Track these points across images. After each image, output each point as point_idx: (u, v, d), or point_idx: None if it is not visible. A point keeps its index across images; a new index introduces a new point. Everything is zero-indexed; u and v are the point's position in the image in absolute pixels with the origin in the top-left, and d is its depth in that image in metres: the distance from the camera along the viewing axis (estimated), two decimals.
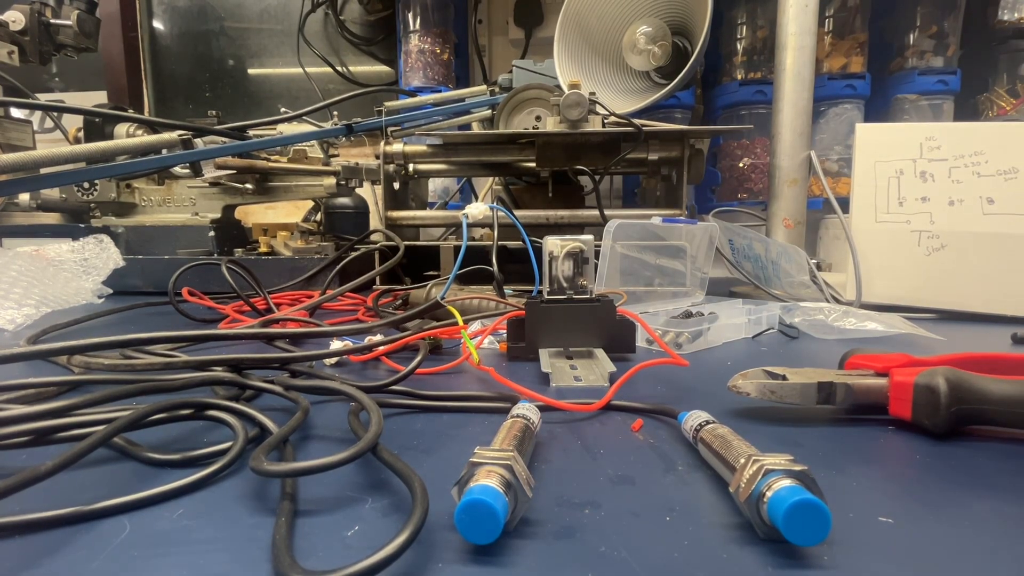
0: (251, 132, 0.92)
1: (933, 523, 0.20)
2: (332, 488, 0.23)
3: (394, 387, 0.36)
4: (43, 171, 0.66)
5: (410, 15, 1.45)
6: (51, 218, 1.04)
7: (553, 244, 0.47)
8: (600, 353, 0.44)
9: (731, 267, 0.79)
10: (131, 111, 1.02)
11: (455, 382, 0.41)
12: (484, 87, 1.06)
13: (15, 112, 1.00)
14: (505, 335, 0.47)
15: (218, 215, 1.01)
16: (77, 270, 0.77)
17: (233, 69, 1.87)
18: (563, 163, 0.82)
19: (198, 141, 0.79)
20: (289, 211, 1.22)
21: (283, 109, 1.01)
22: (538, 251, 0.50)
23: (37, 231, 0.98)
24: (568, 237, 0.47)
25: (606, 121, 0.79)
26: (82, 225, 1.01)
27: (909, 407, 0.29)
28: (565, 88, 0.78)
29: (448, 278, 0.59)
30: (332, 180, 0.97)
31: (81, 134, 0.99)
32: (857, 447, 0.28)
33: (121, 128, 0.96)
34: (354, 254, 0.80)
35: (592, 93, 0.78)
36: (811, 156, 0.91)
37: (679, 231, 0.63)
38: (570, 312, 0.45)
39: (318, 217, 1.08)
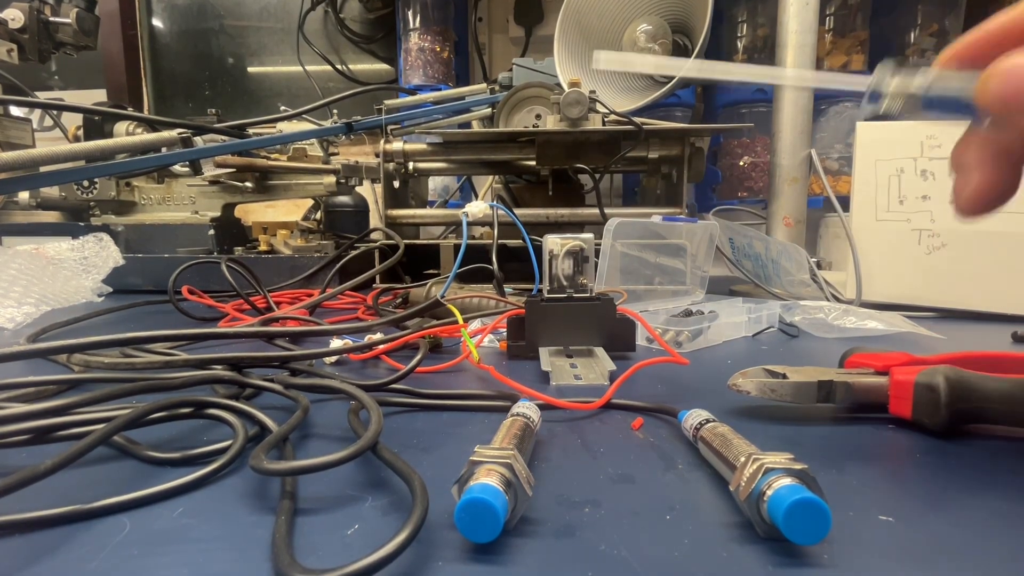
0: (251, 130, 0.92)
1: (933, 521, 0.20)
2: (332, 487, 0.23)
3: (394, 386, 0.36)
4: (42, 169, 0.66)
5: (410, 13, 1.45)
6: (51, 216, 1.04)
7: (553, 242, 0.47)
8: (600, 352, 0.44)
9: (731, 266, 0.79)
10: (130, 109, 1.02)
11: (455, 381, 0.41)
12: (484, 85, 1.06)
13: (14, 110, 0.99)
14: (505, 333, 0.47)
15: (218, 213, 1.01)
16: (77, 268, 0.77)
17: (233, 67, 1.87)
18: (563, 161, 0.82)
19: (198, 139, 0.79)
20: (289, 209, 1.22)
21: (283, 107, 1.01)
22: (538, 249, 0.50)
23: (37, 229, 0.98)
24: (568, 236, 0.47)
25: (606, 119, 0.79)
26: (82, 223, 1.01)
27: (909, 406, 0.29)
28: (565, 86, 0.78)
29: (448, 276, 0.59)
30: (332, 178, 0.97)
31: (80, 132, 0.99)
32: (857, 446, 0.28)
33: (120, 126, 0.96)
34: (354, 252, 0.80)
35: (592, 91, 0.78)
36: (811, 154, 0.91)
37: (679, 230, 0.63)
38: (570, 310, 0.45)
39: (318, 215, 1.08)
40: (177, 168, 0.99)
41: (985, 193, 0.22)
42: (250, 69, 1.87)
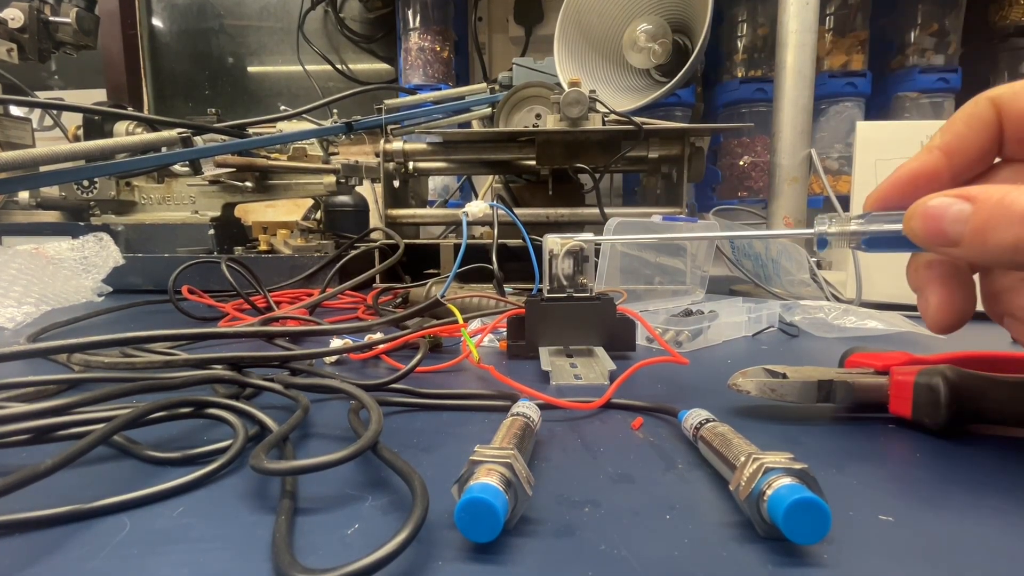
0: (251, 130, 0.92)
1: (933, 521, 0.20)
2: (332, 486, 0.23)
3: (394, 385, 0.36)
4: (42, 169, 0.66)
5: (410, 12, 1.45)
6: (51, 216, 1.04)
7: (553, 242, 0.47)
8: (600, 351, 0.44)
9: (731, 265, 0.79)
10: (130, 109, 1.02)
11: (455, 380, 0.41)
12: (484, 85, 1.06)
13: (14, 110, 0.99)
14: (505, 333, 0.47)
15: (218, 213, 1.01)
16: (77, 268, 0.77)
17: (232, 67, 1.87)
18: (563, 161, 0.82)
19: (197, 139, 0.79)
20: (289, 209, 1.22)
21: (283, 107, 1.01)
22: (538, 249, 0.50)
23: (37, 229, 0.98)
24: (568, 235, 0.47)
25: (606, 119, 0.79)
26: (82, 223, 1.01)
27: (909, 405, 0.29)
28: (565, 86, 0.78)
29: (448, 276, 0.59)
30: (332, 178, 0.97)
31: (80, 132, 0.99)
32: (857, 445, 0.28)
33: (120, 126, 0.96)
34: (354, 252, 0.80)
35: (592, 91, 0.78)
36: (812, 154, 0.91)
37: (679, 229, 0.63)
38: (570, 310, 0.45)
39: (318, 215, 1.08)
40: (177, 168, 0.99)
41: (945, 311, 0.25)
42: (250, 69, 1.87)
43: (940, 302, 0.25)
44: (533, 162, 0.83)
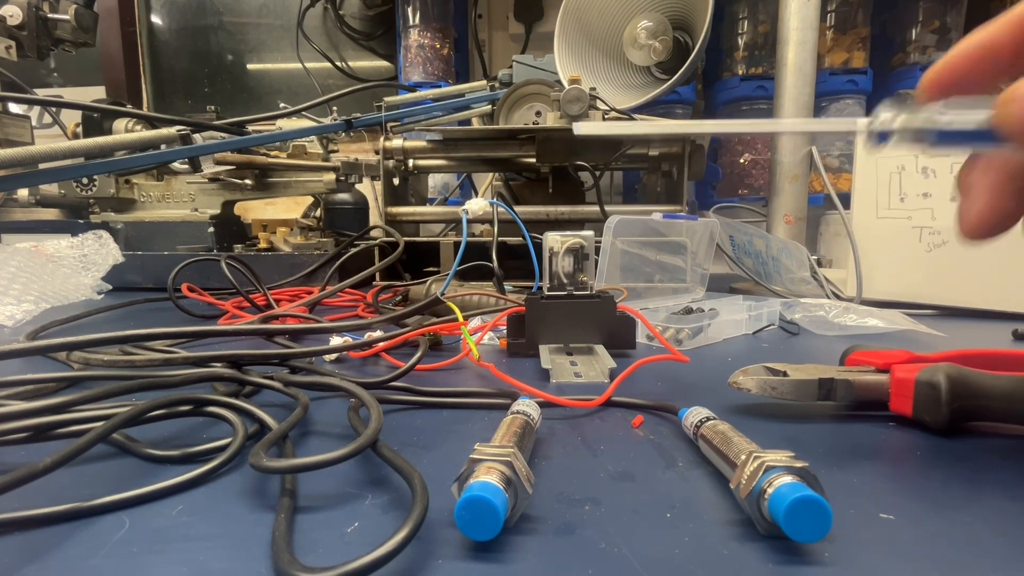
0: (250, 127, 0.92)
1: (934, 520, 0.20)
2: (332, 484, 0.23)
3: (394, 383, 0.36)
4: (41, 166, 0.66)
5: (410, 10, 1.44)
6: (50, 214, 1.04)
7: (553, 240, 0.47)
8: (600, 349, 0.44)
9: (732, 263, 0.79)
10: (129, 106, 1.02)
11: (455, 378, 0.41)
12: (484, 82, 1.06)
13: (13, 107, 0.99)
14: (505, 331, 0.47)
15: (217, 211, 1.01)
16: (76, 266, 0.77)
17: (232, 64, 1.86)
18: (563, 159, 0.81)
19: (197, 136, 0.79)
20: (288, 207, 1.22)
21: (282, 104, 1.01)
22: (538, 247, 0.50)
23: (36, 227, 0.98)
24: (568, 233, 0.47)
25: (607, 116, 0.79)
26: (81, 221, 1.01)
27: (910, 403, 0.29)
28: (565, 83, 0.78)
29: (448, 274, 0.59)
30: (332, 176, 0.97)
31: (79, 129, 0.99)
32: (858, 444, 0.28)
33: (120, 123, 0.96)
34: (354, 250, 0.80)
35: (592, 88, 0.78)
36: (812, 152, 0.91)
37: (680, 227, 0.63)
38: (570, 308, 0.45)
39: (317, 213, 1.08)
40: (176, 165, 0.98)
41: (991, 217, 0.22)
42: (249, 66, 1.86)
43: (989, 207, 0.22)
44: (533, 160, 0.83)
